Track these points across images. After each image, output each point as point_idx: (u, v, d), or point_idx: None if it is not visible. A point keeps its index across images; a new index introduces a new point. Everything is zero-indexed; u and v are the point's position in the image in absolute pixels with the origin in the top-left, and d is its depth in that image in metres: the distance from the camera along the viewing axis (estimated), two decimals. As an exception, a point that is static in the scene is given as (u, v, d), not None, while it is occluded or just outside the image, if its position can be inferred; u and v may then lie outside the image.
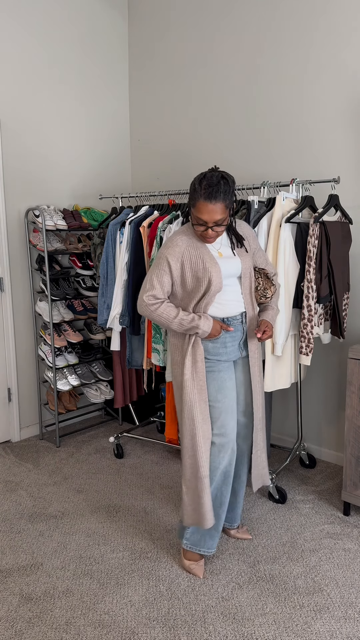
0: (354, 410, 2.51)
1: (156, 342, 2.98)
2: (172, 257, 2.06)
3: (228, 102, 3.49)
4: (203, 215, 1.95)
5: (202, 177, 1.94)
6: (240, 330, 2.18)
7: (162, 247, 2.12)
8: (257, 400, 2.28)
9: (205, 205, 1.93)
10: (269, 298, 2.26)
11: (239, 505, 2.43)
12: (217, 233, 2.01)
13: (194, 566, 2.22)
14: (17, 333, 3.58)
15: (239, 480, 2.39)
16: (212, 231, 1.99)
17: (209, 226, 1.98)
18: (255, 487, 2.37)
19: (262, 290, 2.24)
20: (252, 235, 2.24)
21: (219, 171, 1.98)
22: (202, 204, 1.93)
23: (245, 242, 2.19)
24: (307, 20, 3.04)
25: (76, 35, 3.72)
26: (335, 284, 2.62)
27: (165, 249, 2.09)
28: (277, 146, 3.27)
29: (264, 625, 1.94)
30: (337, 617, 1.98)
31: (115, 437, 3.38)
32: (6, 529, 2.57)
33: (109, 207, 4.08)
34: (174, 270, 2.07)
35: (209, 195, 1.92)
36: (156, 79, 3.93)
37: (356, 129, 2.93)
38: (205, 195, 1.92)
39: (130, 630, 1.92)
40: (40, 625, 1.95)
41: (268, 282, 2.25)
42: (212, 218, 1.95)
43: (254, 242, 2.24)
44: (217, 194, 1.92)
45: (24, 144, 3.50)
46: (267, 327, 2.14)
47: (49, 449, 3.50)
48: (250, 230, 2.25)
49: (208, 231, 2.00)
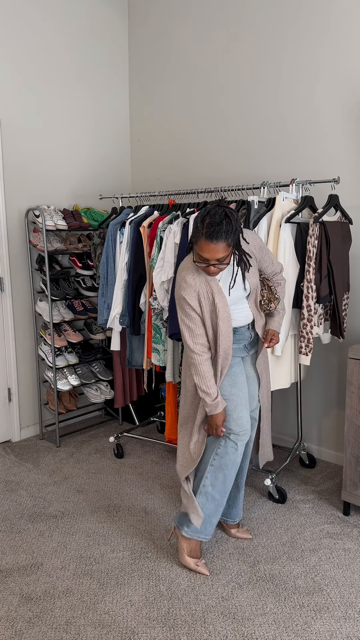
0: (354, 410, 2.51)
1: (156, 342, 2.98)
2: (190, 297, 2.09)
3: (228, 102, 3.49)
4: (204, 254, 1.94)
5: (206, 214, 1.92)
6: (248, 335, 2.27)
7: (176, 288, 2.13)
8: (264, 390, 2.42)
9: (207, 245, 1.92)
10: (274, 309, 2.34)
11: (241, 500, 2.46)
12: (220, 269, 2.01)
13: (200, 565, 2.24)
14: (17, 333, 3.58)
15: (242, 473, 2.42)
16: (214, 268, 2.00)
17: (211, 263, 1.97)
18: (262, 463, 2.54)
19: (265, 304, 2.32)
20: (257, 246, 2.20)
21: (223, 207, 1.95)
22: (204, 243, 1.92)
23: (252, 260, 2.18)
24: (307, 20, 3.04)
25: (76, 35, 3.72)
26: (335, 284, 2.62)
27: (180, 290, 2.10)
28: (277, 146, 3.28)
29: (264, 625, 1.94)
30: (337, 617, 1.98)
31: (115, 437, 3.38)
32: (6, 528, 2.57)
33: (109, 207, 4.08)
34: (196, 308, 2.10)
35: (210, 235, 1.90)
36: (156, 79, 3.93)
37: (356, 129, 2.93)
38: (207, 235, 1.90)
39: (130, 630, 1.92)
40: (40, 625, 1.95)
41: (271, 294, 2.32)
42: (213, 257, 1.94)
43: (259, 252, 2.21)
44: (219, 234, 1.89)
45: (24, 143, 3.50)
46: (273, 335, 2.27)
47: (49, 448, 3.50)
48: (255, 242, 2.20)
49: (210, 268, 2.00)
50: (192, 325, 2.11)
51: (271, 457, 2.59)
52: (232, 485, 2.36)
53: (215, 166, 3.63)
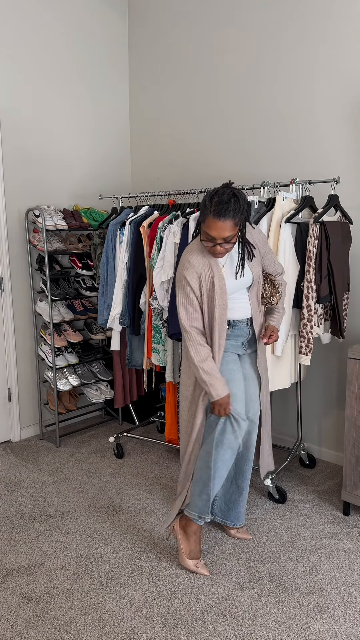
0: (354, 410, 2.51)
1: (156, 342, 2.98)
2: (191, 277, 2.11)
3: (228, 101, 3.49)
4: (211, 232, 1.96)
5: (214, 194, 1.95)
6: (246, 332, 2.27)
7: (179, 268, 2.15)
8: (264, 393, 2.40)
9: (214, 222, 1.94)
10: (275, 304, 2.34)
11: (243, 503, 2.45)
12: (226, 249, 2.02)
13: (199, 566, 2.23)
14: (17, 333, 3.58)
15: (243, 477, 2.41)
16: (220, 247, 2.01)
17: (217, 242, 1.98)
18: (263, 472, 2.54)
19: (267, 298, 2.32)
20: (262, 240, 2.25)
21: (231, 188, 1.98)
22: (211, 221, 1.94)
23: (255, 251, 2.20)
24: (307, 20, 3.04)
25: (76, 35, 3.72)
26: (335, 284, 2.62)
27: (183, 270, 2.13)
28: (277, 146, 3.28)
29: (264, 625, 1.94)
30: (337, 617, 1.98)
31: (115, 437, 3.38)
32: (6, 529, 2.57)
33: (109, 207, 4.08)
34: (195, 290, 2.13)
35: (218, 213, 1.92)
36: (156, 78, 3.93)
37: (356, 129, 2.93)
38: (215, 212, 1.93)
39: (130, 630, 1.92)
40: (40, 625, 1.95)
41: (274, 288, 2.31)
42: (220, 235, 1.96)
43: (263, 246, 2.26)
44: (227, 211, 1.92)
45: (24, 144, 3.50)
46: (272, 332, 2.25)
47: (49, 448, 3.50)
48: (260, 235, 2.25)
49: (216, 247, 2.01)
50: (189, 308, 2.14)
51: (272, 466, 2.56)
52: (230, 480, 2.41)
53: (215, 166, 3.63)
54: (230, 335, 2.25)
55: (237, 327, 2.25)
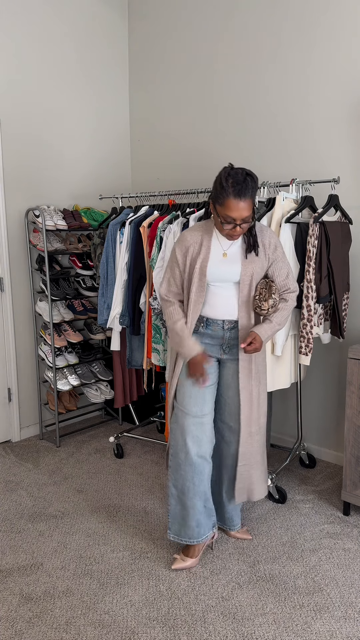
0: (354, 410, 2.51)
1: (156, 342, 2.98)
2: (179, 250, 2.14)
3: (228, 102, 3.49)
4: (232, 213, 1.93)
5: (228, 175, 1.92)
6: (220, 335, 2.16)
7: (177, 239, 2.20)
8: (245, 410, 2.21)
9: (235, 203, 1.91)
10: (265, 312, 2.14)
11: (230, 509, 2.40)
12: (243, 230, 2.00)
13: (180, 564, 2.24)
14: (17, 333, 3.58)
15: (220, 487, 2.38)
16: (239, 228, 1.98)
17: (237, 224, 1.96)
18: (238, 499, 2.31)
19: (257, 301, 2.13)
20: (273, 244, 2.14)
21: (241, 168, 1.96)
22: (232, 202, 1.91)
23: (260, 250, 2.11)
24: (307, 20, 3.04)
25: (76, 36, 3.72)
26: (335, 284, 2.62)
27: (176, 242, 2.16)
28: (277, 146, 3.28)
29: (264, 625, 1.94)
30: (337, 617, 1.98)
31: (115, 437, 3.38)
32: (6, 529, 2.57)
33: (109, 207, 4.08)
34: (180, 264, 2.15)
35: (238, 193, 1.90)
36: (156, 79, 3.93)
37: (356, 129, 2.93)
38: (235, 193, 1.90)
39: (130, 630, 1.92)
40: (40, 625, 1.95)
41: (269, 292, 2.13)
42: (241, 215, 1.93)
43: (274, 252, 2.14)
44: (246, 190, 1.90)
45: (24, 143, 3.50)
46: (253, 339, 2.08)
47: (49, 448, 3.50)
48: (272, 239, 2.14)
49: (237, 229, 1.98)
50: (171, 280, 2.19)
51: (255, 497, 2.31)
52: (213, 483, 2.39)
53: (215, 166, 3.63)
54: (204, 333, 2.17)
55: (210, 327, 2.16)
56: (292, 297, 2.21)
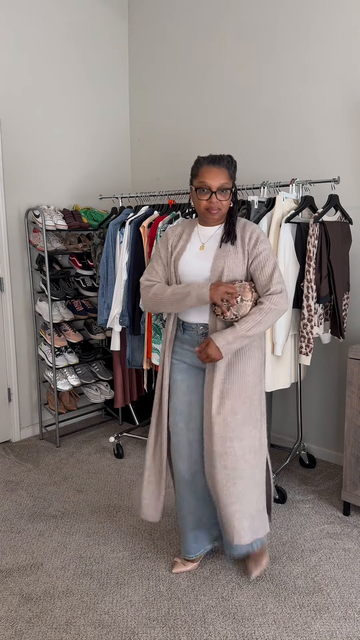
0: (354, 410, 2.51)
1: (156, 342, 2.98)
2: (162, 244, 2.08)
3: (228, 102, 3.49)
4: (207, 179, 1.85)
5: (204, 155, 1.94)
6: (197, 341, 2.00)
7: None
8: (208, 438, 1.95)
9: (208, 170, 1.86)
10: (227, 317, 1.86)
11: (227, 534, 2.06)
12: (222, 205, 1.89)
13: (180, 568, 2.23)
14: (17, 333, 3.58)
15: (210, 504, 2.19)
16: (216, 199, 1.86)
17: (213, 191, 1.85)
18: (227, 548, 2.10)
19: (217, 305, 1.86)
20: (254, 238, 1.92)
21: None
22: (206, 169, 1.87)
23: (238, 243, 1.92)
24: (307, 19, 3.04)
25: (76, 35, 3.72)
26: (335, 284, 2.62)
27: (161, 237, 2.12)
28: (277, 146, 3.28)
29: (264, 625, 1.94)
30: (337, 617, 1.98)
31: (115, 437, 3.38)
32: (6, 529, 2.57)
33: (109, 207, 4.08)
34: (163, 258, 2.06)
35: (212, 160, 1.87)
36: (156, 78, 3.93)
37: (356, 129, 2.93)
38: (209, 161, 1.87)
39: (130, 630, 1.92)
40: (40, 625, 1.95)
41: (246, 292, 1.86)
42: (216, 182, 1.85)
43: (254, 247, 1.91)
44: (221, 160, 1.87)
45: (24, 143, 3.50)
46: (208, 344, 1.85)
47: (49, 449, 3.50)
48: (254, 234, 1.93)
49: (212, 199, 1.86)
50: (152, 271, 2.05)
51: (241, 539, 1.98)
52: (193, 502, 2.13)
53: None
54: (183, 339, 2.03)
55: (187, 332, 2.01)
56: (271, 299, 1.88)
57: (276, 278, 1.90)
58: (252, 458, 1.98)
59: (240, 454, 1.94)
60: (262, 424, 2.04)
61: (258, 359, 1.99)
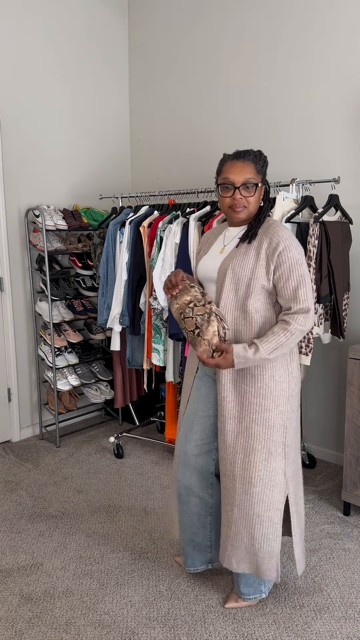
0: (354, 410, 2.51)
1: (156, 342, 2.98)
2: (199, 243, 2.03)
3: (228, 102, 3.49)
4: (230, 175, 1.71)
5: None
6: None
7: None
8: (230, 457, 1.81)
9: (232, 164, 1.73)
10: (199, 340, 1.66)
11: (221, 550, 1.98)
12: (247, 202, 1.73)
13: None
14: (17, 333, 3.58)
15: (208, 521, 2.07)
16: (239, 195, 1.71)
17: (237, 187, 1.71)
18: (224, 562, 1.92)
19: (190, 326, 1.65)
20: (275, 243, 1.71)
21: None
22: (230, 164, 1.74)
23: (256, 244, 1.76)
24: (307, 19, 3.04)
25: (76, 35, 3.72)
26: (335, 284, 2.62)
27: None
28: (277, 146, 3.27)
29: (264, 625, 1.94)
30: (337, 617, 1.98)
31: (115, 437, 3.38)
32: (6, 529, 2.57)
33: (109, 207, 4.08)
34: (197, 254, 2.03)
35: (237, 155, 1.74)
36: (156, 78, 3.93)
37: (356, 129, 2.93)
38: (234, 156, 1.75)
39: (130, 630, 1.92)
40: (40, 625, 1.95)
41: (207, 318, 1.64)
42: (240, 177, 1.70)
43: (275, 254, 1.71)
44: (247, 154, 1.74)
45: (24, 143, 3.50)
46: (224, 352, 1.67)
47: (49, 449, 3.49)
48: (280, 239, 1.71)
49: (236, 194, 1.71)
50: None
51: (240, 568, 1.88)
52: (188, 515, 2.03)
53: (215, 166, 3.63)
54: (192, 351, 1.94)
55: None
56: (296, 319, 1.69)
57: (302, 295, 1.69)
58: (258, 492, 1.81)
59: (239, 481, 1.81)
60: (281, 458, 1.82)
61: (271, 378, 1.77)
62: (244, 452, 1.80)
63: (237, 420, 1.80)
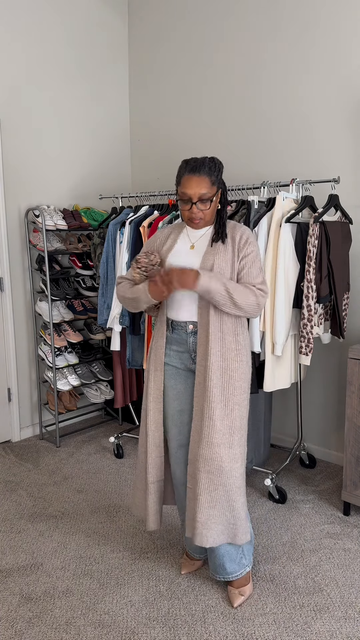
0: (354, 410, 2.51)
1: (156, 342, 2.97)
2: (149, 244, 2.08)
3: (228, 101, 3.49)
4: (187, 190, 1.84)
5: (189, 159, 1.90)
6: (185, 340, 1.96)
7: None
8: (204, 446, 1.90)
9: (189, 179, 1.84)
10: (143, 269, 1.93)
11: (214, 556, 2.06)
12: (204, 214, 1.89)
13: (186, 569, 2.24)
14: (17, 333, 3.58)
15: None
16: (197, 209, 1.86)
17: (194, 202, 1.85)
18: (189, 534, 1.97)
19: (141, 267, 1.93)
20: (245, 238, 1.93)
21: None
22: (186, 178, 1.85)
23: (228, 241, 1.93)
24: (307, 19, 3.04)
25: (76, 36, 3.72)
26: (335, 284, 2.62)
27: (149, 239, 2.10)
28: (277, 146, 3.27)
29: (264, 625, 1.94)
30: (337, 617, 1.98)
31: (115, 437, 3.38)
32: (6, 529, 2.57)
33: (109, 207, 4.08)
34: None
35: (192, 169, 1.84)
36: (156, 79, 3.93)
37: (356, 129, 2.93)
38: (189, 169, 1.85)
39: (130, 630, 1.92)
40: (40, 625, 1.95)
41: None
42: (195, 192, 1.83)
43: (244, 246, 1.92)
44: (202, 167, 1.84)
45: (24, 143, 3.50)
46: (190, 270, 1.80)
47: (49, 449, 3.49)
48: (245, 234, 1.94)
49: (193, 209, 1.86)
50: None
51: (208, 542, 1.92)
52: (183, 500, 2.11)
53: (215, 166, 3.63)
54: (172, 339, 1.99)
55: (176, 331, 1.97)
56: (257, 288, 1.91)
57: (261, 279, 1.92)
58: (238, 467, 1.94)
59: (226, 460, 1.91)
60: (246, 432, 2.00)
61: (247, 364, 1.96)
62: (230, 432, 1.92)
63: (223, 404, 1.92)
